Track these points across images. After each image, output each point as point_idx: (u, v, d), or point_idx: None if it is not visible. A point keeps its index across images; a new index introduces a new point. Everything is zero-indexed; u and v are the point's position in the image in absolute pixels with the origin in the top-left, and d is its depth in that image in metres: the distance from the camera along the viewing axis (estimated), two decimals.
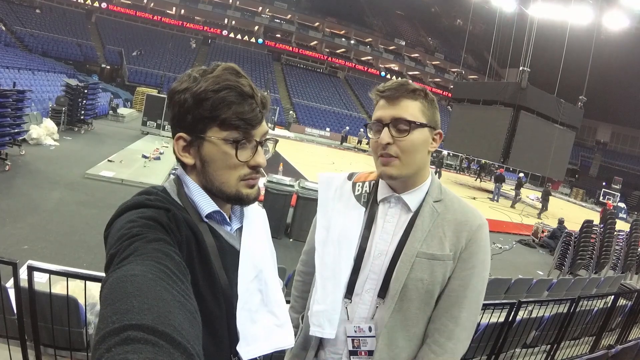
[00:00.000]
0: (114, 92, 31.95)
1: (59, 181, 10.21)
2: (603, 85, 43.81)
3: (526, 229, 16.83)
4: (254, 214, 1.43)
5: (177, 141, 1.23)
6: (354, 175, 1.88)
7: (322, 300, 1.69)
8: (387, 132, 1.57)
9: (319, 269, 1.74)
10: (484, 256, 1.60)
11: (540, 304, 5.14)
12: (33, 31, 39.87)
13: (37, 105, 16.80)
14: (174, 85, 1.24)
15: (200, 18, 55.42)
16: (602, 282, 8.80)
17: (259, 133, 1.25)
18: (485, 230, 1.63)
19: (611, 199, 36.49)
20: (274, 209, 9.10)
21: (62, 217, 8.05)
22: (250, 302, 1.27)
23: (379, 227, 1.69)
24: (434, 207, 1.65)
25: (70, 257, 6.24)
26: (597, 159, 51.45)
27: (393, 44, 63.55)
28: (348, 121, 45.63)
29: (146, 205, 1.11)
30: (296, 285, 2.04)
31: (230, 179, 1.23)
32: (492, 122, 25.97)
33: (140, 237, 0.96)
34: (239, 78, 1.22)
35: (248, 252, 1.31)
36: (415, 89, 1.60)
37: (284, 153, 22.53)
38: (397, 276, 1.58)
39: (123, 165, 12.55)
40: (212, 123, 1.18)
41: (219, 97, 1.17)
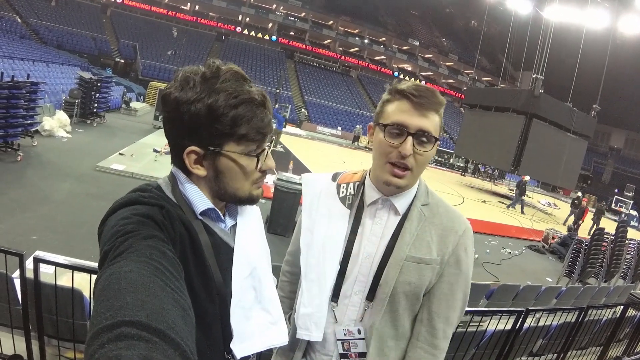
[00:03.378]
0: (127, 86, 32.05)
1: (70, 173, 10.26)
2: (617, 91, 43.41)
3: (536, 234, 16.65)
4: (249, 211, 1.43)
5: (189, 155, 1.20)
6: (338, 175, 1.85)
7: (309, 303, 1.68)
8: (410, 143, 1.52)
9: (304, 272, 1.73)
10: (468, 259, 1.65)
11: (549, 312, 5.05)
12: (48, 24, 40.28)
13: (50, 97, 16.87)
14: (174, 92, 1.16)
15: (215, 14, 55.59)
16: (612, 292, 8.67)
17: (268, 140, 1.29)
18: (469, 234, 1.67)
19: (623, 206, 36.16)
20: (282, 207, 9.10)
21: (72, 209, 8.09)
22: (244, 299, 1.28)
23: (367, 229, 1.69)
24: (422, 211, 1.66)
25: (77, 248, 6.23)
26: (610, 165, 51.08)
27: (407, 44, 63.46)
28: (360, 120, 45.49)
29: (140, 202, 1.11)
30: (282, 286, 2.02)
31: (245, 185, 1.26)
32: (503, 129, 25.77)
33: (134, 234, 0.97)
34: (250, 88, 1.22)
35: (242, 249, 1.31)
36: (441, 102, 1.58)
37: (295, 151, 22.52)
38: (386, 280, 1.59)
39: (134, 158, 12.61)
40: (230, 139, 1.19)
41: (238, 114, 1.17)
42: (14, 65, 19.87)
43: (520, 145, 25.43)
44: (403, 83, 1.60)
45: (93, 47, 41.02)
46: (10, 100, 10.48)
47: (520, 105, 25.86)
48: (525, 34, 32.52)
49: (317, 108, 46.82)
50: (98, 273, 0.89)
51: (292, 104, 42.52)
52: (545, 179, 28.76)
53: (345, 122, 45.09)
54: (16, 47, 26.61)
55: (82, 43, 40.47)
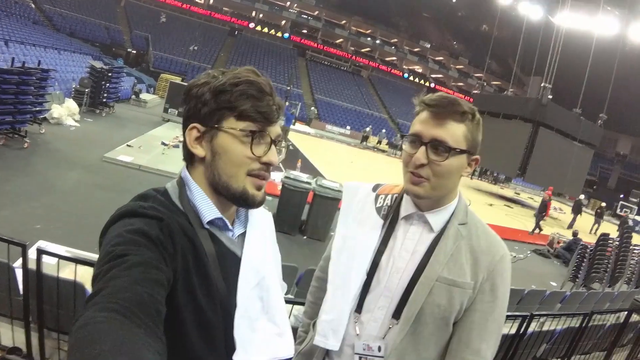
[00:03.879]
0: (138, 77, 32.20)
1: (77, 162, 10.25)
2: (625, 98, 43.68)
3: (542, 238, 16.71)
4: (259, 218, 1.40)
5: (190, 131, 1.21)
6: (379, 186, 1.80)
7: (330, 310, 1.64)
8: (423, 152, 1.48)
9: (331, 278, 1.70)
10: (504, 288, 1.54)
11: (553, 317, 5.10)
12: (62, 11, 40.49)
13: (60, 85, 16.91)
14: (192, 81, 1.26)
15: (229, 9, 55.84)
16: (616, 297, 8.69)
17: (273, 132, 1.24)
18: (507, 261, 1.57)
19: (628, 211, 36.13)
20: (289, 205, 9.12)
21: (77, 199, 8.07)
22: (250, 309, 1.25)
23: (398, 243, 1.62)
24: (459, 230, 1.58)
25: (82, 239, 6.12)
26: (616, 170, 51.33)
27: (418, 46, 63.62)
28: (370, 121, 45.50)
29: (138, 214, 1.09)
30: (312, 291, 1.98)
31: (240, 173, 1.21)
32: (511, 136, 25.81)
33: (120, 262, 0.94)
34: (259, 77, 1.23)
35: (250, 259, 1.29)
36: (464, 111, 1.51)
37: (303, 149, 22.51)
38: (414, 298, 1.51)
39: (142, 150, 12.57)
40: (230, 114, 1.19)
41: (239, 89, 1.18)
42: (25, 50, 19.94)
43: (527, 153, 25.60)
44: (431, 94, 1.56)
45: (106, 37, 41.16)
46: (20, 86, 10.46)
47: (528, 113, 26.00)
48: (535, 40, 32.67)
49: (326, 107, 46.82)
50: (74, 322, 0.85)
51: (302, 102, 42.51)
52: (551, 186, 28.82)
53: (354, 122, 45.07)
54: (29, 32, 26.69)
55: (94, 32, 40.62)
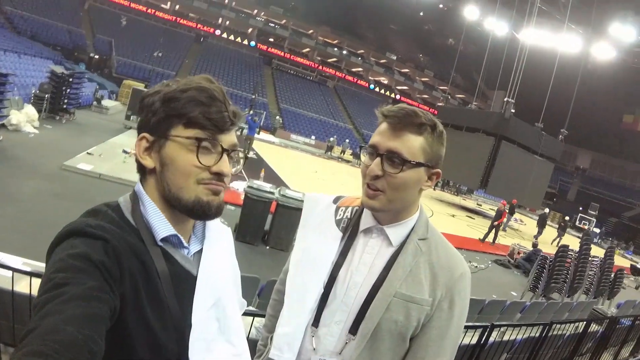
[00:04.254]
0: (100, 82, 31.61)
1: (35, 170, 10.02)
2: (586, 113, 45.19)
3: (502, 249, 17.01)
4: (217, 234, 1.37)
5: (140, 142, 1.19)
6: (341, 199, 1.79)
7: (286, 323, 1.61)
8: (378, 164, 1.47)
9: (288, 290, 1.67)
10: (462, 306, 1.54)
11: (514, 327, 5.16)
12: (24, 13, 39.55)
13: (19, 90, 16.49)
14: (146, 91, 1.25)
15: (195, 15, 55.60)
16: (575, 307, 8.85)
17: (226, 141, 1.21)
18: (466, 279, 1.56)
19: (587, 223, 37.15)
20: (252, 215, 9.09)
21: (35, 208, 7.89)
22: (206, 331, 1.21)
23: (356, 257, 1.59)
24: (418, 246, 1.56)
25: (40, 250, 5.88)
26: (575, 184, 53.06)
27: (384, 58, 64.32)
28: (335, 131, 45.79)
29: (84, 233, 1.05)
30: (271, 304, 1.94)
31: (189, 183, 1.17)
32: (473, 149, 26.16)
33: (58, 294, 0.91)
34: (212, 84, 1.21)
35: (206, 278, 1.25)
36: (422, 123, 1.48)
37: (267, 158, 22.51)
38: (371, 314, 1.48)
39: (102, 159, 12.35)
40: (177, 122, 1.16)
41: (187, 96, 1.16)
42: None
43: (489, 165, 25.96)
44: (391, 106, 1.55)
45: (68, 41, 40.36)
46: None
47: (491, 127, 26.43)
48: (500, 55, 33.23)
49: (292, 116, 46.91)
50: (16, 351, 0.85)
51: (267, 111, 42.49)
52: (511, 198, 29.41)
53: (319, 132, 45.22)
54: None
55: (57, 35, 39.82)
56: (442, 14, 65.22)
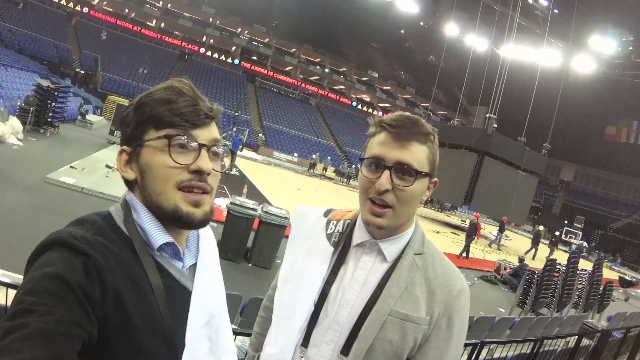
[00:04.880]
0: (85, 97, 31.66)
1: (18, 182, 10.02)
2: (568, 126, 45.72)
3: (489, 265, 16.97)
4: (211, 247, 1.32)
5: (120, 155, 1.15)
6: (332, 212, 1.69)
7: (274, 343, 1.51)
8: (387, 177, 1.38)
9: (276, 308, 1.57)
10: (461, 325, 1.44)
11: (504, 344, 4.95)
12: (11, 26, 39.48)
13: (5, 102, 16.61)
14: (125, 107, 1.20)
15: (180, 33, 55.64)
16: (565, 321, 8.72)
17: (202, 136, 1.13)
18: (465, 296, 1.46)
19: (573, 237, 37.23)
20: (234, 232, 8.94)
21: (16, 220, 7.84)
22: (197, 350, 1.15)
23: (348, 273, 1.50)
24: (414, 261, 1.47)
25: (20, 263, 5.76)
26: (560, 197, 53.32)
27: (366, 75, 64.58)
28: (317, 148, 45.97)
29: (67, 244, 0.98)
30: (258, 321, 1.82)
31: (167, 188, 1.10)
32: (456, 165, 25.91)
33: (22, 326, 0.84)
34: (180, 82, 1.16)
35: (200, 295, 1.19)
36: (428, 132, 1.43)
37: (250, 175, 22.57)
38: (364, 334, 1.39)
39: (85, 173, 12.33)
40: (149, 125, 1.11)
41: (155, 97, 1.12)
42: None
43: (472, 182, 25.83)
44: (389, 115, 1.48)
45: (54, 55, 40.31)
46: None
47: (473, 143, 26.34)
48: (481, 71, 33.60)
49: (274, 133, 47.00)
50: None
51: (250, 128, 42.47)
52: (496, 214, 28.98)
53: (302, 149, 45.28)
54: None
55: (43, 49, 39.75)
56: (422, 31, 65.86)
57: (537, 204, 48.37)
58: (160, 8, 54.52)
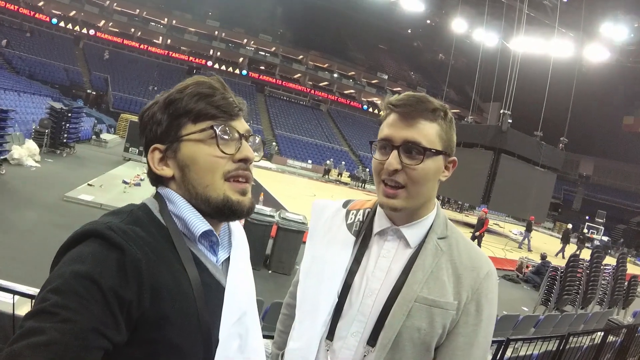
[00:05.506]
0: (98, 117, 32.02)
1: (37, 202, 10.11)
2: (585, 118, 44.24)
3: (510, 263, 16.60)
4: (243, 244, 1.30)
5: (152, 154, 1.13)
6: (350, 202, 1.69)
7: (298, 338, 1.50)
8: (396, 157, 1.36)
9: (299, 303, 1.55)
10: (490, 309, 1.40)
11: (530, 341, 4.90)
12: (21, 54, 40.07)
13: (20, 126, 16.78)
14: (141, 109, 1.19)
15: (186, 48, 55.86)
16: (590, 318, 8.57)
17: (240, 126, 1.15)
18: (493, 278, 1.43)
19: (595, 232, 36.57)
20: (253, 239, 8.65)
21: (38, 239, 7.94)
22: (228, 348, 1.12)
23: (371, 262, 1.48)
24: (438, 245, 1.44)
25: (41, 279, 5.86)
26: (580, 192, 52.07)
27: (376, 78, 64.33)
28: (331, 154, 45.74)
29: (104, 236, 0.94)
30: (281, 319, 1.81)
31: (215, 179, 1.10)
32: (472, 165, 25.32)
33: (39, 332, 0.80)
34: (210, 78, 1.18)
35: (234, 291, 1.16)
36: (436, 108, 1.39)
37: (265, 184, 22.52)
38: (391, 322, 1.35)
39: (103, 189, 12.46)
40: (185, 120, 1.11)
41: (187, 92, 1.12)
42: None
43: (490, 180, 25.42)
44: (396, 95, 1.44)
45: (65, 78, 40.78)
46: None
47: (489, 141, 25.93)
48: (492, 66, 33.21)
49: (287, 141, 46.94)
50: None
51: (262, 138, 42.18)
52: (515, 213, 28.64)
53: (315, 156, 45.22)
54: None
55: (54, 74, 40.24)
56: (430, 30, 65.82)
57: (557, 200, 47.27)
58: (165, 25, 54.86)
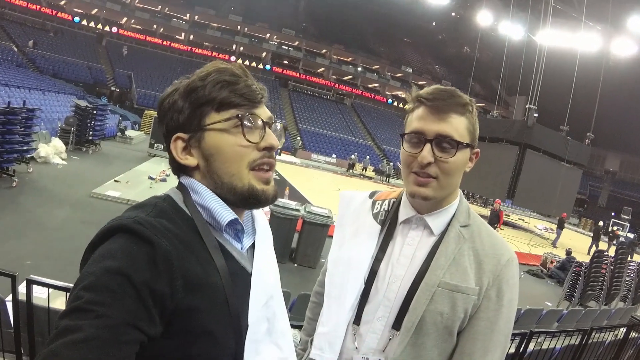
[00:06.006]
0: (123, 114, 32.33)
1: (65, 199, 10.21)
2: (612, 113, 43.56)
3: (534, 259, 16.53)
4: (266, 230, 1.32)
5: (175, 143, 1.12)
6: (376, 193, 1.75)
7: (326, 322, 1.57)
8: (429, 150, 1.40)
9: (327, 289, 1.62)
10: (511, 295, 1.44)
11: (552, 335, 4.94)
12: (45, 53, 40.75)
13: (46, 125, 16.97)
14: (160, 96, 1.19)
15: (209, 44, 56.18)
16: (613, 314, 8.58)
17: (263, 114, 1.15)
18: (514, 265, 1.48)
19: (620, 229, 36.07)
20: (279, 233, 8.93)
21: (66, 235, 8.02)
22: (257, 332, 1.15)
23: (396, 249, 1.54)
24: (461, 233, 1.49)
25: (72, 274, 5.96)
26: (605, 188, 51.11)
27: (400, 71, 64.08)
28: (355, 148, 45.63)
29: (132, 231, 0.94)
30: (310, 307, 1.89)
31: (241, 169, 1.11)
32: (497, 160, 25.43)
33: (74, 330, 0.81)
34: (232, 65, 1.16)
35: (260, 276, 1.18)
36: (466, 102, 1.45)
37: (290, 178, 22.54)
38: (414, 306, 1.41)
39: (129, 185, 12.60)
40: (209, 109, 1.10)
41: (209, 80, 1.10)
42: (10, 93, 20.03)
43: (515, 176, 25.27)
44: (425, 89, 1.50)
45: (89, 76, 41.34)
46: (6, 126, 10.54)
47: (514, 136, 25.79)
48: (518, 60, 32.86)
49: (311, 136, 47.03)
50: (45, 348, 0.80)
51: (286, 132, 42.47)
52: (540, 209, 28.41)
53: (339, 150, 45.24)
54: (12, 75, 26.84)
55: (77, 72, 40.82)
56: (454, 23, 65.07)
57: (582, 196, 46.82)
58: (188, 21, 55.25)
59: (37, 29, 44.70)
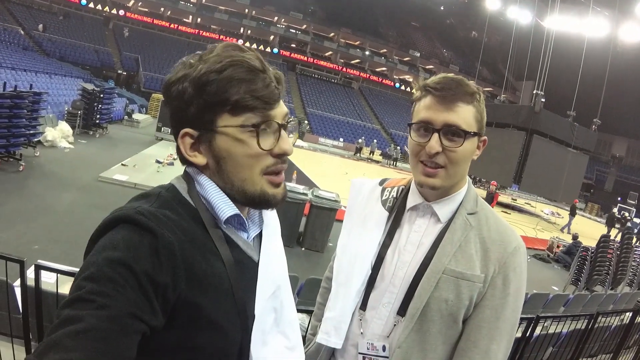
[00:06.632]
0: (130, 97, 32.31)
1: (72, 183, 10.24)
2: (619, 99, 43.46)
3: (541, 243, 16.54)
4: (273, 219, 1.28)
5: (183, 139, 1.06)
6: (386, 180, 1.76)
7: (333, 307, 1.58)
8: (437, 140, 1.39)
9: (335, 274, 1.63)
10: (518, 284, 1.42)
11: (559, 319, 4.98)
12: (51, 36, 40.64)
13: (53, 108, 16.95)
14: (167, 77, 1.08)
15: (217, 27, 55.86)
16: (619, 299, 8.62)
17: (279, 114, 1.08)
18: (521, 253, 1.46)
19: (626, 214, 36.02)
20: (286, 218, 8.98)
21: (74, 219, 8.06)
22: (264, 322, 1.13)
23: (403, 236, 1.54)
24: (467, 220, 1.48)
25: (80, 259, 5.96)
26: (612, 173, 50.97)
27: (408, 55, 63.64)
28: (362, 132, 45.58)
29: (134, 222, 0.92)
30: (321, 292, 1.88)
31: (253, 175, 1.06)
32: (504, 145, 25.34)
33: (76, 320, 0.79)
34: (245, 53, 1.06)
35: (267, 266, 1.16)
36: (474, 91, 1.43)
37: (297, 162, 22.52)
38: (420, 293, 1.41)
39: (136, 169, 12.63)
40: (222, 109, 1.02)
41: (225, 76, 1.00)
42: (16, 76, 20.02)
43: (522, 161, 25.35)
44: (432, 78, 1.48)
45: (95, 60, 41.31)
46: (13, 110, 10.51)
47: (521, 122, 25.81)
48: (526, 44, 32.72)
49: (319, 120, 46.95)
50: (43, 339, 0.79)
51: (294, 116, 42.36)
52: (546, 194, 28.38)
53: (347, 134, 45.17)
54: (19, 58, 26.84)
55: (84, 55, 40.77)
56: (463, 7, 64.75)
57: (589, 180, 46.63)
58: (195, 4, 54.75)
59: (44, 12, 44.55)
